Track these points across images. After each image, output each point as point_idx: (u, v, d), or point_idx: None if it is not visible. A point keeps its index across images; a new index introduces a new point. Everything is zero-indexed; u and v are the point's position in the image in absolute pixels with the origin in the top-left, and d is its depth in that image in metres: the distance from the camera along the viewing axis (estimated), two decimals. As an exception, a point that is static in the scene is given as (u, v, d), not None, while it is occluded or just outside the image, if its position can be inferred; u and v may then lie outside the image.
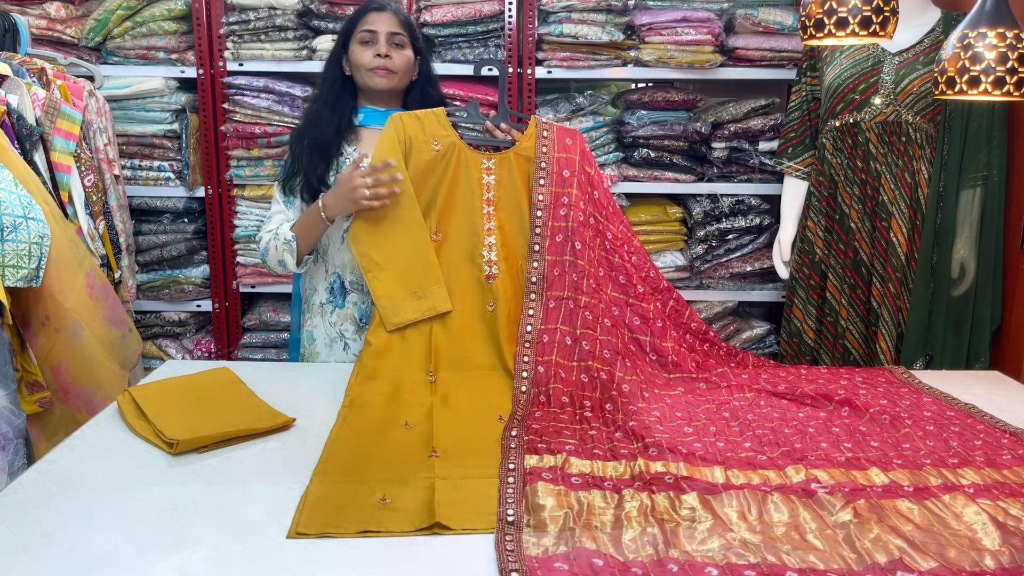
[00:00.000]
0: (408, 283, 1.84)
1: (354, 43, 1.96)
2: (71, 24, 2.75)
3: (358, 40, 1.95)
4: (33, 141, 2.15)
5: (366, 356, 1.82)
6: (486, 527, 1.20)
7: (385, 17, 1.96)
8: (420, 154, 1.88)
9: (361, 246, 1.85)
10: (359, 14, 1.98)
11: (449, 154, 1.90)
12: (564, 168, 1.92)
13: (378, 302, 1.84)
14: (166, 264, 2.90)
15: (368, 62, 1.94)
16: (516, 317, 1.85)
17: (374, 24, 1.95)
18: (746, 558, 1.12)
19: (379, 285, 1.84)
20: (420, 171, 1.88)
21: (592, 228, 1.92)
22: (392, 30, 1.95)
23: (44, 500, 1.26)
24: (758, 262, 2.92)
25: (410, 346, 1.83)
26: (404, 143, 1.87)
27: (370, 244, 1.85)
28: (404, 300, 1.83)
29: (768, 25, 2.75)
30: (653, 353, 1.88)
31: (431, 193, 1.90)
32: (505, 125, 1.94)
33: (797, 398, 1.74)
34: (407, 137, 1.87)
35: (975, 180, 2.37)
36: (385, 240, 1.85)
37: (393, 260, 1.85)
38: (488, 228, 1.89)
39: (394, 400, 1.71)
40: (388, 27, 1.95)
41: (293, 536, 1.17)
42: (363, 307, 2.00)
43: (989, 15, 1.76)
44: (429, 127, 1.89)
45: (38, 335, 1.98)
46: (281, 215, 1.96)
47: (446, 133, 1.90)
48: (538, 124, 1.95)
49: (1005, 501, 1.28)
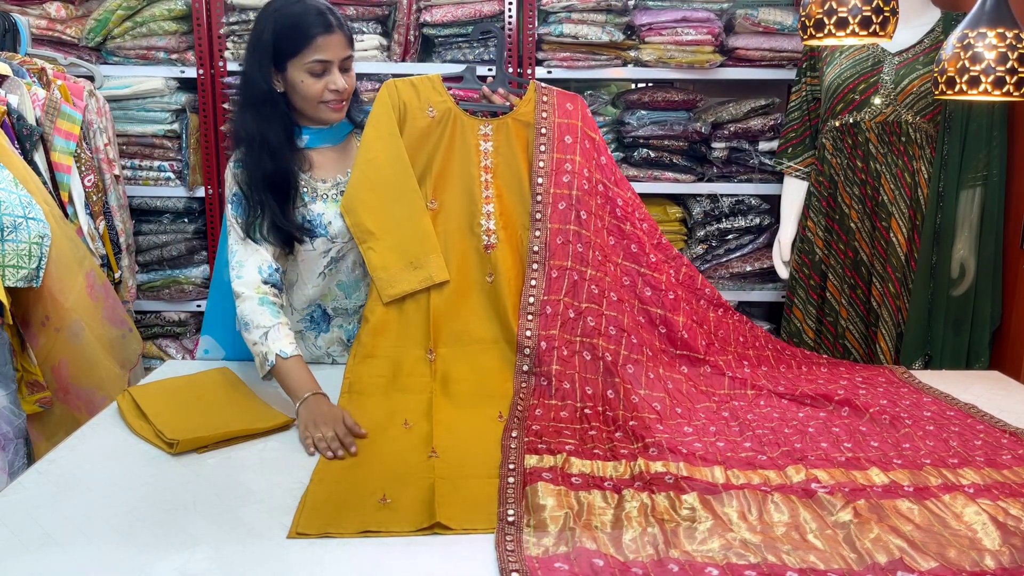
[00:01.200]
0: (404, 253, 1.79)
1: (298, 70, 1.70)
2: (71, 24, 2.75)
3: (305, 69, 1.69)
4: (33, 141, 2.15)
5: (363, 334, 1.79)
6: (486, 527, 1.20)
7: (336, 40, 1.69)
8: (415, 120, 1.83)
9: (355, 216, 1.78)
10: (300, 34, 1.67)
11: (445, 120, 1.85)
12: (566, 134, 1.87)
13: (373, 274, 1.78)
14: (166, 264, 2.90)
15: (321, 95, 1.72)
16: (516, 288, 1.82)
17: (326, 52, 1.69)
18: (746, 558, 1.12)
19: (374, 256, 1.78)
20: (415, 138, 1.83)
21: (601, 195, 1.88)
22: (344, 55, 1.72)
23: (44, 500, 1.26)
24: (758, 262, 2.92)
25: (408, 321, 1.79)
26: (398, 109, 1.81)
27: (364, 214, 1.78)
28: (400, 271, 1.78)
29: (768, 25, 2.75)
30: (663, 326, 1.85)
31: (426, 160, 1.84)
32: (503, 90, 1.89)
33: (797, 398, 1.74)
34: (401, 103, 1.82)
35: (975, 180, 2.37)
36: (380, 209, 1.78)
37: (388, 230, 1.78)
38: (486, 196, 1.84)
39: (393, 385, 1.70)
40: (340, 52, 1.71)
41: (294, 536, 1.17)
42: (349, 328, 1.92)
43: (989, 15, 1.76)
44: (424, 93, 1.84)
45: (38, 335, 1.98)
46: (256, 256, 1.71)
47: (442, 99, 1.85)
48: (537, 89, 1.90)
49: (1005, 501, 1.28)
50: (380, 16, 2.79)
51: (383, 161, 1.79)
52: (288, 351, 1.62)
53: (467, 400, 1.67)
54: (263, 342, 1.63)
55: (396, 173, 1.80)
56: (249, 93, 1.74)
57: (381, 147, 1.79)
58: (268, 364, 1.61)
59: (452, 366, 1.75)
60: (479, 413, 1.62)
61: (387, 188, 1.79)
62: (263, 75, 1.71)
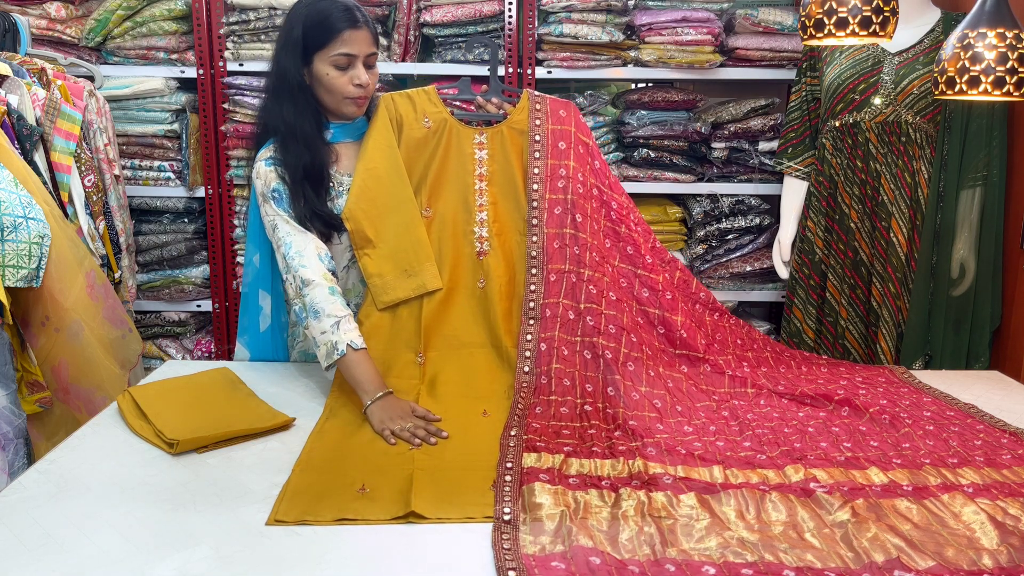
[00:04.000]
0: (399, 261, 1.82)
1: (324, 62, 1.74)
2: (71, 24, 2.75)
3: (330, 62, 1.73)
4: (33, 141, 2.15)
5: None
6: (460, 517, 1.22)
7: (362, 36, 1.74)
8: (411, 131, 1.87)
9: (355, 223, 1.81)
10: (328, 27, 1.73)
11: (440, 130, 1.89)
12: (559, 140, 1.91)
13: (369, 280, 1.82)
14: (166, 264, 2.90)
15: (347, 90, 1.76)
16: (506, 293, 1.85)
17: (352, 46, 1.73)
18: (744, 557, 1.12)
19: (370, 263, 1.82)
20: (411, 148, 1.87)
21: (596, 199, 1.91)
22: (369, 51, 1.76)
23: (44, 500, 1.26)
24: (758, 262, 2.91)
25: (401, 325, 1.83)
26: (395, 122, 1.86)
27: (365, 222, 1.81)
28: (394, 278, 1.82)
29: (768, 25, 2.75)
30: (661, 326, 1.87)
31: (423, 169, 1.89)
32: (497, 100, 1.92)
33: (797, 398, 1.74)
34: (398, 115, 1.87)
35: (975, 180, 2.37)
36: (378, 218, 1.82)
37: (385, 239, 1.82)
38: (480, 204, 1.88)
39: None
40: (366, 48, 1.75)
41: (272, 524, 1.19)
42: None
43: (989, 15, 1.76)
44: (420, 105, 1.89)
45: (38, 335, 1.99)
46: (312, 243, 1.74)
47: (437, 110, 1.89)
48: (531, 97, 1.94)
49: (1004, 501, 1.28)
50: (380, 16, 2.79)
51: (382, 172, 1.83)
52: (358, 343, 1.66)
53: (453, 400, 1.69)
54: (334, 331, 1.65)
55: (394, 184, 1.83)
56: (282, 86, 1.78)
57: (380, 158, 1.83)
58: (338, 353, 1.64)
59: (440, 368, 1.78)
60: (464, 408, 1.65)
61: (385, 198, 1.83)
62: (295, 68, 1.75)
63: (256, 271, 1.93)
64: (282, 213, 1.74)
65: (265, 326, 1.96)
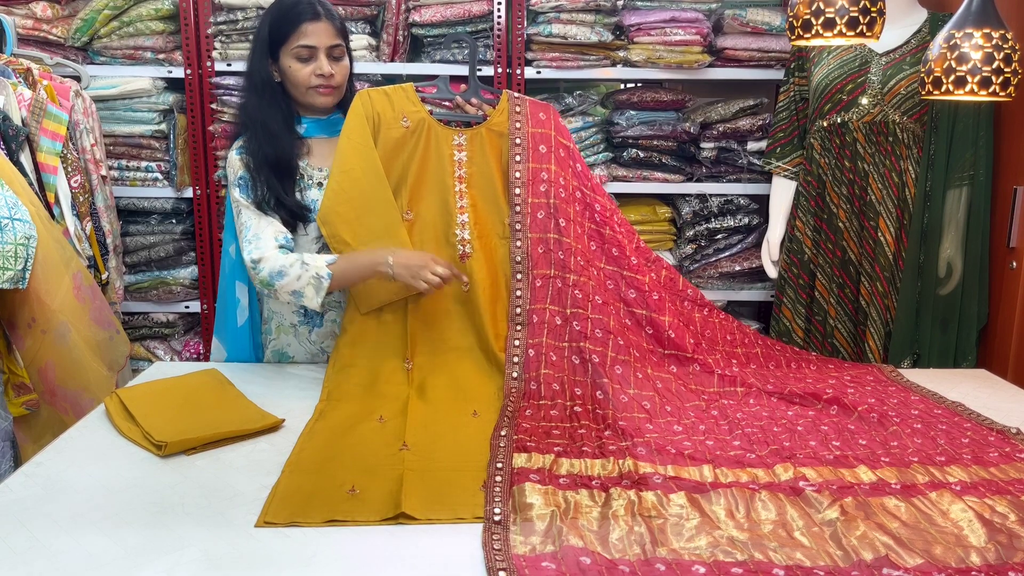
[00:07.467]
0: None
1: (287, 56, 1.80)
2: (57, 24, 2.74)
3: (293, 55, 1.79)
4: (19, 142, 2.14)
5: (342, 344, 1.81)
6: (450, 518, 1.22)
7: (322, 28, 1.79)
8: (389, 131, 1.84)
9: (331, 227, 1.79)
10: (289, 22, 1.79)
11: (419, 130, 1.86)
12: (540, 143, 1.90)
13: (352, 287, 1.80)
14: (154, 265, 2.88)
15: (310, 81, 1.81)
16: (491, 296, 1.84)
17: (311, 38, 1.78)
18: (733, 556, 1.12)
19: None
20: (389, 148, 1.84)
21: (579, 202, 1.90)
22: (331, 43, 1.80)
23: (31, 503, 1.25)
24: (747, 262, 2.92)
25: (386, 330, 1.82)
26: (372, 120, 1.83)
27: (340, 225, 1.79)
28: (377, 282, 1.79)
29: (756, 26, 2.76)
30: (649, 327, 1.87)
31: (401, 171, 1.86)
32: (476, 100, 1.91)
33: (786, 396, 1.75)
34: (375, 113, 1.83)
35: (961, 180, 2.38)
36: (356, 221, 1.80)
37: (365, 242, 1.79)
38: (461, 206, 1.86)
39: (370, 392, 1.71)
40: (327, 40, 1.80)
41: (261, 525, 1.19)
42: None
43: (975, 15, 1.77)
44: (398, 104, 1.86)
45: (25, 337, 1.97)
46: (272, 227, 1.77)
47: (415, 109, 1.87)
48: (510, 99, 1.92)
49: (991, 498, 1.29)
50: (369, 16, 2.79)
51: (358, 172, 1.80)
52: (331, 259, 1.72)
53: (442, 402, 1.69)
54: (304, 269, 1.70)
55: (371, 184, 1.81)
56: (251, 83, 1.85)
57: (356, 158, 1.81)
58: (325, 279, 1.69)
59: (429, 374, 1.77)
60: (454, 410, 1.65)
61: (363, 200, 1.80)
62: (262, 65, 1.83)
63: (232, 262, 1.93)
64: (244, 199, 1.79)
65: (243, 319, 1.94)
